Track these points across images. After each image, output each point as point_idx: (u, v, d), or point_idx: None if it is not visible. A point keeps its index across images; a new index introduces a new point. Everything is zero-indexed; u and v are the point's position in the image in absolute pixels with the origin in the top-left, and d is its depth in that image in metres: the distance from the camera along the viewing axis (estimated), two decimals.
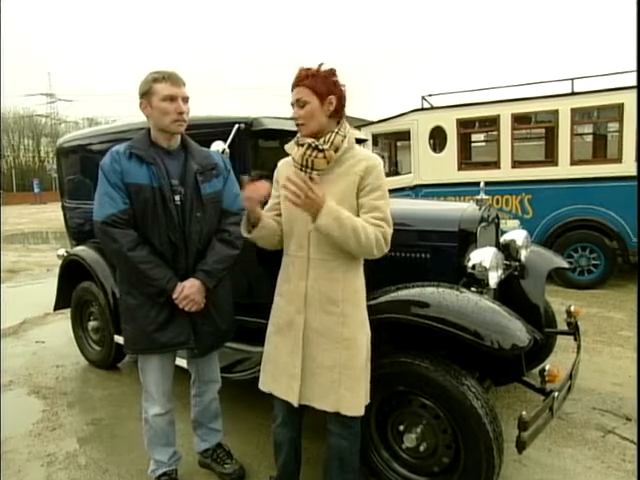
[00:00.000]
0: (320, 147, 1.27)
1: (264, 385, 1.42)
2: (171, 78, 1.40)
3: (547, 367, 1.58)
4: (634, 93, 4.02)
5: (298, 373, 1.32)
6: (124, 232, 1.37)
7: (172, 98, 1.39)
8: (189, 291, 1.42)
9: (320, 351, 1.31)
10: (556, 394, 1.52)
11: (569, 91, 4.48)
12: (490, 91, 5.38)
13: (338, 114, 1.29)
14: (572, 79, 4.55)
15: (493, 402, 1.43)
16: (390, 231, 1.26)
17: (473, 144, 6.30)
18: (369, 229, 1.23)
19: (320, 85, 1.26)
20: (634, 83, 4.12)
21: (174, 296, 1.41)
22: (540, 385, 1.58)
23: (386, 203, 1.27)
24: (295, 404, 1.33)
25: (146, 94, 1.41)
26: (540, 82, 5.02)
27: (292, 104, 1.30)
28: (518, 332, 1.39)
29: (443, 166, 4.91)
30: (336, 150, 1.28)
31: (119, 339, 2.48)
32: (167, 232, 1.41)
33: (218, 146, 1.80)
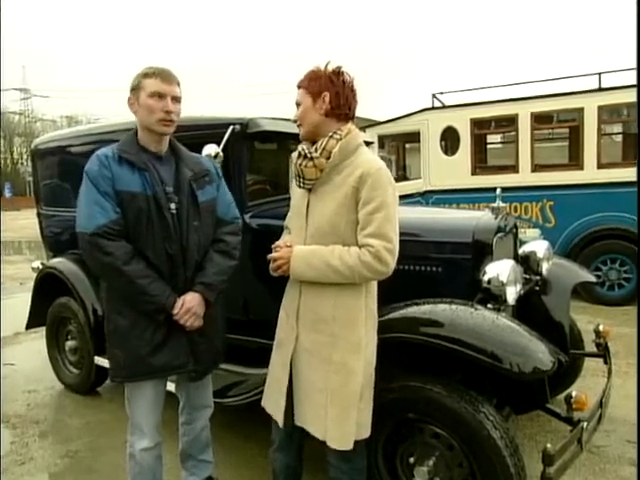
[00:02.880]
0: (309, 154, 1.31)
1: (263, 400, 1.48)
2: (162, 74, 1.42)
3: (574, 393, 1.58)
4: None
5: (284, 391, 1.37)
6: (118, 244, 1.36)
7: (160, 95, 1.41)
8: (190, 304, 1.42)
9: (311, 371, 1.34)
10: (585, 424, 1.51)
11: (596, 87, 4.53)
12: (507, 88, 5.46)
13: (335, 111, 1.32)
14: (599, 74, 4.59)
15: (514, 432, 1.45)
16: (388, 245, 1.24)
17: (489, 146, 6.36)
18: (348, 257, 1.25)
19: (313, 84, 1.31)
20: None
21: (175, 311, 1.42)
22: (566, 414, 1.58)
23: (384, 216, 1.24)
24: (280, 423, 1.38)
25: (135, 89, 1.43)
26: (563, 77, 5.07)
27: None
28: (540, 354, 1.40)
29: (456, 170, 4.96)
30: (329, 157, 1.31)
31: (100, 360, 2.48)
32: (163, 243, 1.41)
33: (211, 150, 1.83)
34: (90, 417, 2.57)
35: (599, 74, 4.59)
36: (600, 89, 4.48)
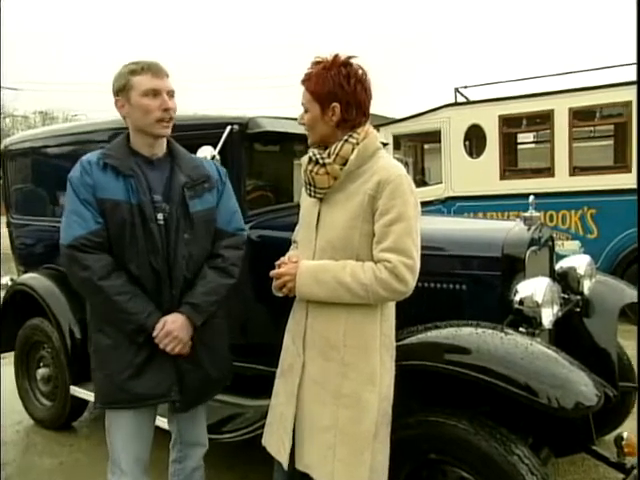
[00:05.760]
0: (321, 161, 1.34)
1: (264, 438, 1.48)
2: (152, 69, 1.45)
3: (625, 434, 1.58)
4: None
5: (289, 428, 1.37)
6: (97, 257, 1.41)
7: (155, 92, 1.44)
8: (171, 326, 1.44)
9: (318, 406, 1.35)
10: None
11: None
12: (541, 80, 5.54)
13: (348, 123, 1.34)
14: None
15: (554, 479, 1.44)
16: (408, 261, 1.26)
17: (520, 146, 6.39)
18: (362, 273, 1.26)
19: (321, 89, 1.31)
20: None
21: (154, 333, 1.43)
22: (617, 458, 1.57)
23: (403, 228, 1.26)
24: (284, 465, 1.37)
25: (123, 90, 1.46)
26: (607, 67, 5.11)
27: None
28: (583, 386, 1.40)
29: (482, 174, 4.99)
30: (344, 163, 1.33)
31: (77, 391, 2.50)
32: (148, 257, 1.44)
33: (206, 152, 1.88)
34: (64, 457, 2.58)
35: None
36: None
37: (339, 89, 1.30)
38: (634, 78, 4.53)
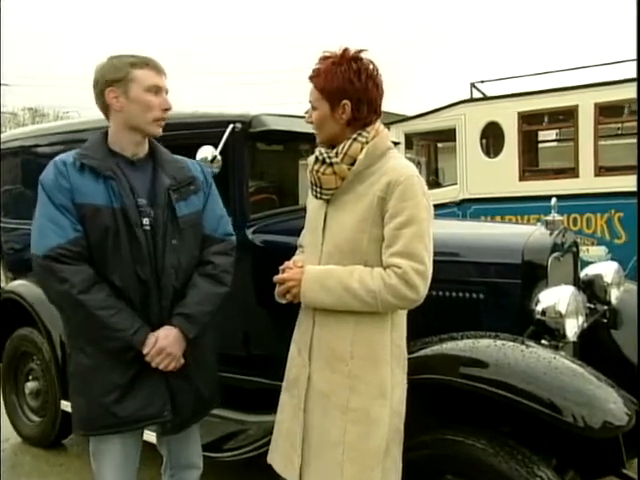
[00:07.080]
0: (328, 160, 1.35)
1: (269, 455, 1.49)
2: (154, 65, 1.47)
3: None
4: None
5: (298, 444, 1.37)
6: (75, 268, 1.38)
7: (157, 89, 1.46)
8: (164, 342, 1.42)
9: (326, 420, 1.36)
10: None
11: None
12: (563, 74, 5.51)
13: (358, 121, 1.35)
14: None
15: None
16: (419, 267, 1.26)
17: (541, 145, 6.38)
18: (370, 279, 1.28)
19: (330, 85, 1.32)
20: None
21: (145, 350, 1.41)
22: None
23: (414, 232, 1.27)
24: None
25: (121, 81, 1.44)
26: (634, 59, 5.07)
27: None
28: (612, 404, 1.40)
29: (499, 175, 4.98)
30: (352, 163, 1.35)
31: (68, 406, 2.50)
32: (134, 266, 1.43)
33: (207, 152, 1.90)
34: (53, 477, 2.59)
35: None
36: None
37: (349, 85, 1.32)
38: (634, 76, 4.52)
